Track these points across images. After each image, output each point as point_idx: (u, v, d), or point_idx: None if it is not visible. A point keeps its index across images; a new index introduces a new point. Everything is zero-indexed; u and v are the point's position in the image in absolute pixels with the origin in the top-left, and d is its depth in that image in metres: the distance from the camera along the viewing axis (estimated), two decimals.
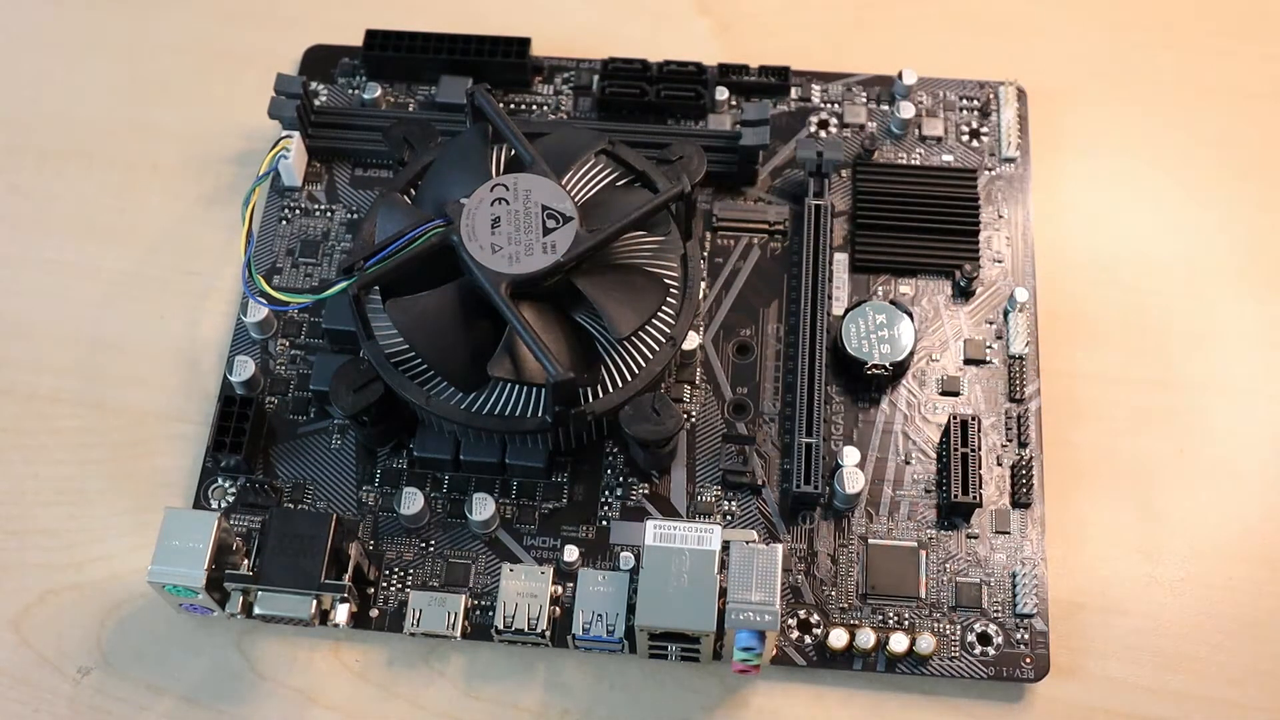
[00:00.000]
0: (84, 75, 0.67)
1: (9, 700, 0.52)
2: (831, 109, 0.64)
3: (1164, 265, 0.61)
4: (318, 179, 0.63)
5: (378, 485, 0.56)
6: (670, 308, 0.54)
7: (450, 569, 0.54)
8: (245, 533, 0.54)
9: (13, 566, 0.55)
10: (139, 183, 0.64)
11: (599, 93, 0.64)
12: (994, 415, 0.56)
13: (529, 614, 0.51)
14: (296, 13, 0.69)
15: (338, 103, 0.65)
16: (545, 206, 0.52)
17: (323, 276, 0.60)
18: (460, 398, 0.53)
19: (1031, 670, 0.51)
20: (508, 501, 0.55)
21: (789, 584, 0.53)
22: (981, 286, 0.59)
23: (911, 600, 0.53)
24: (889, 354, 0.56)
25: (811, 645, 0.52)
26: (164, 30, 0.69)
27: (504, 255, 0.51)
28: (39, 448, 0.58)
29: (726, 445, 0.56)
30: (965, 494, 0.53)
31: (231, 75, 0.67)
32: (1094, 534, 0.55)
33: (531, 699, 0.52)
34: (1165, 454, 0.57)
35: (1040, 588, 0.53)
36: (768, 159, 0.63)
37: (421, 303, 0.52)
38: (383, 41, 0.65)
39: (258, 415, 0.56)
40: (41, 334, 0.60)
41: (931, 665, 0.52)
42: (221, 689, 0.52)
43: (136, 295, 0.61)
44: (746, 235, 0.61)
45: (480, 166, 0.55)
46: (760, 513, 0.55)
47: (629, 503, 0.55)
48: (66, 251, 0.62)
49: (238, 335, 0.59)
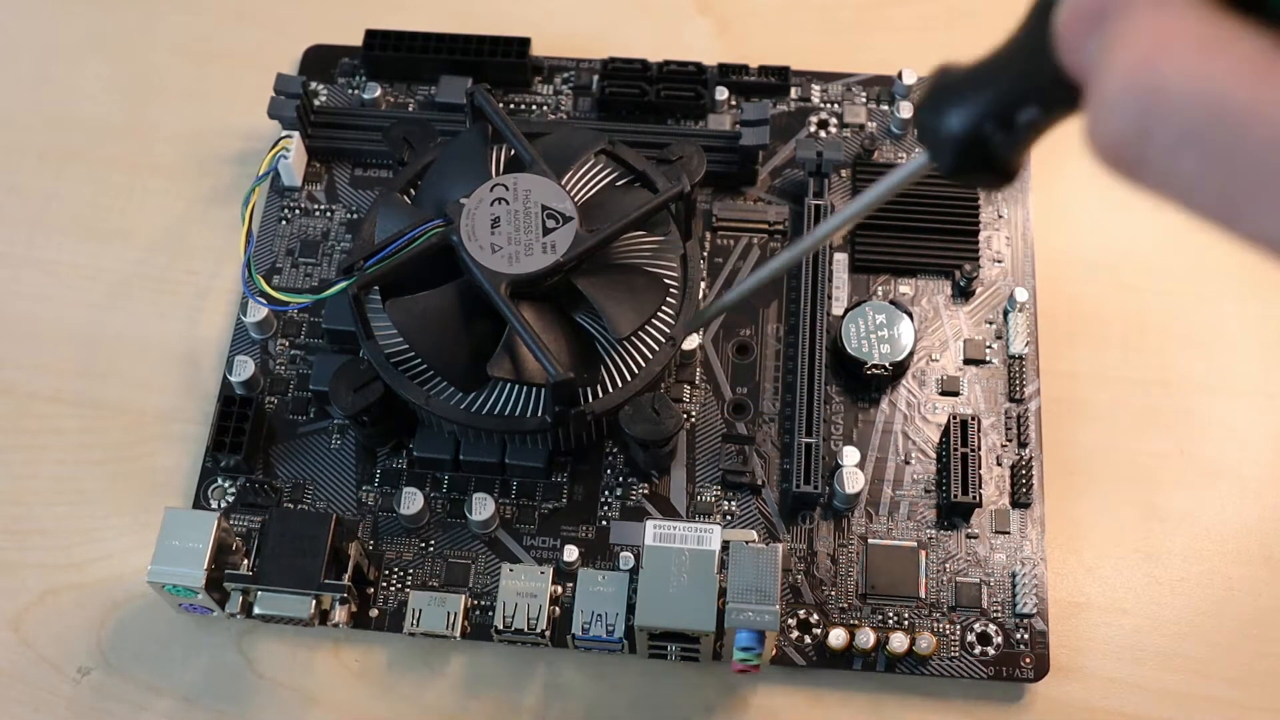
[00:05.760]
0: (84, 75, 0.67)
1: (9, 700, 0.52)
2: (831, 109, 0.64)
3: (1164, 265, 0.61)
4: (317, 179, 0.63)
5: (377, 485, 0.56)
6: (670, 308, 0.54)
7: (450, 569, 0.54)
8: (245, 532, 0.54)
9: (13, 566, 0.55)
10: (139, 183, 0.64)
11: (599, 92, 0.64)
12: (994, 415, 0.56)
13: (529, 614, 0.51)
14: (296, 12, 0.69)
15: (337, 103, 0.65)
16: (545, 206, 0.52)
17: (322, 276, 0.60)
18: (460, 398, 0.53)
19: (1031, 670, 0.51)
20: (507, 501, 0.55)
21: (789, 584, 0.53)
22: (981, 286, 0.59)
23: (911, 600, 0.53)
24: (889, 354, 0.56)
25: (811, 645, 0.52)
26: (164, 30, 0.69)
27: (504, 255, 0.51)
28: (39, 448, 0.58)
29: (726, 445, 0.56)
30: (965, 494, 0.53)
31: (231, 75, 0.67)
32: (1094, 534, 0.55)
33: (531, 699, 0.52)
34: (1165, 454, 0.57)
35: (1040, 588, 0.53)
36: (767, 159, 0.63)
37: (421, 303, 0.52)
38: (382, 41, 0.65)
39: (257, 415, 0.56)
40: (41, 334, 0.60)
41: (931, 665, 0.52)
42: (221, 689, 0.52)
43: (136, 295, 0.61)
44: (746, 235, 0.61)
45: (480, 166, 0.55)
46: (760, 513, 0.55)
47: (629, 503, 0.55)
48: (66, 251, 0.62)
49: (237, 335, 0.59)
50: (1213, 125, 0.22)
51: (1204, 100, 0.22)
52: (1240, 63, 0.22)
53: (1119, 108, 0.24)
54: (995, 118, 0.32)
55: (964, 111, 0.32)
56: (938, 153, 0.34)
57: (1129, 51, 0.24)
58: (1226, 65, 0.22)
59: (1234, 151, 0.22)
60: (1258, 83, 0.22)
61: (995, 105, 0.32)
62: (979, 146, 0.33)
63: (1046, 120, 0.31)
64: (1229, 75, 0.22)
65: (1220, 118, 0.22)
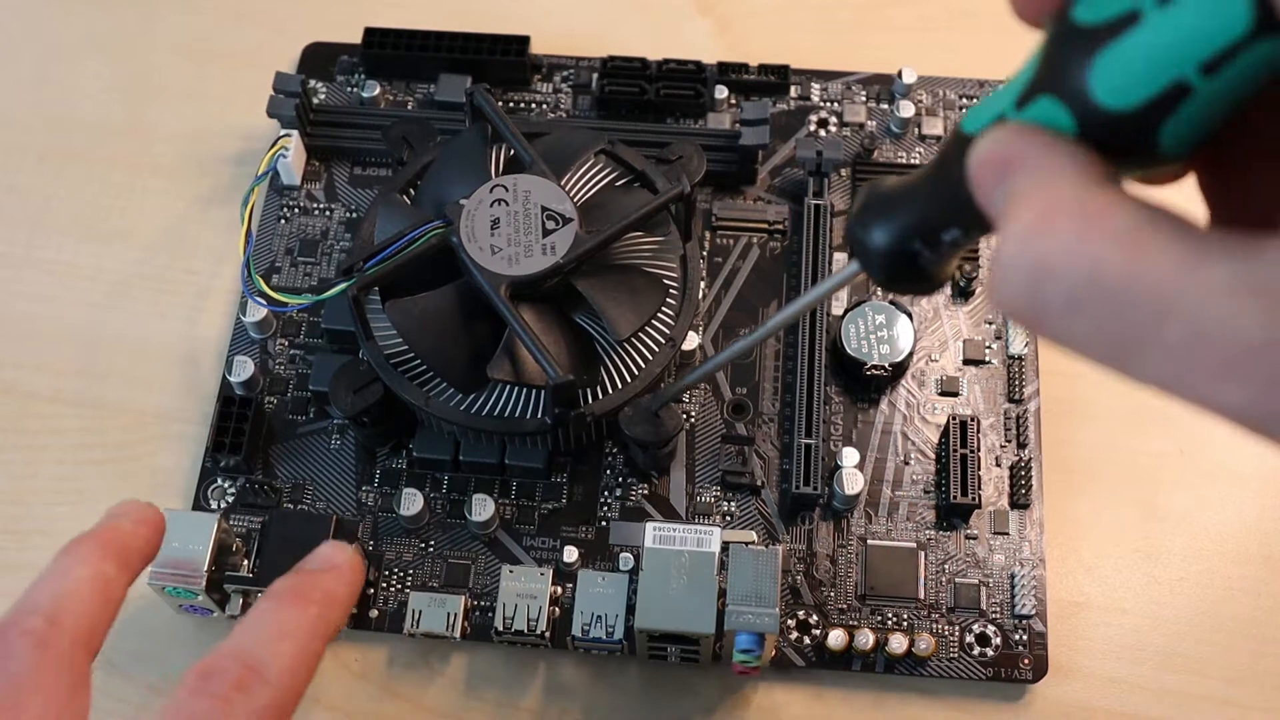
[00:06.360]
0: (84, 75, 0.67)
1: None
2: (831, 108, 0.64)
3: None
4: (316, 177, 0.63)
5: (377, 485, 0.56)
6: (670, 308, 0.54)
7: (450, 570, 0.54)
8: (245, 533, 0.54)
9: (13, 566, 0.55)
10: (139, 183, 0.64)
11: (598, 91, 0.64)
12: (993, 416, 0.56)
13: (528, 615, 0.51)
14: (296, 12, 0.69)
15: (336, 101, 0.65)
16: (545, 208, 0.52)
17: (322, 275, 0.60)
18: (459, 399, 0.53)
19: (1030, 671, 0.51)
20: (507, 502, 0.55)
21: (788, 585, 0.53)
22: (981, 286, 0.59)
23: (910, 601, 0.53)
24: (888, 354, 0.56)
25: (810, 646, 0.52)
26: (164, 30, 0.69)
27: (503, 257, 0.51)
28: (39, 448, 0.58)
29: (726, 446, 0.56)
30: (964, 495, 0.53)
31: (231, 75, 0.67)
32: (1093, 533, 0.55)
33: (531, 699, 0.52)
34: (1165, 454, 0.57)
35: (1039, 589, 0.53)
36: (767, 158, 0.63)
37: (421, 304, 0.52)
38: (381, 39, 0.65)
39: (257, 415, 0.56)
40: (41, 334, 0.60)
41: (930, 666, 0.52)
42: None
43: (136, 295, 0.61)
44: (746, 235, 0.61)
45: (479, 167, 0.55)
46: (759, 513, 0.55)
47: (628, 503, 0.55)
48: (66, 251, 0.62)
49: (237, 335, 0.59)
50: (1096, 293, 0.24)
51: (1085, 271, 0.24)
52: (1118, 234, 0.24)
53: (1012, 275, 0.25)
54: (921, 238, 0.34)
55: (892, 231, 0.34)
56: (868, 265, 0.35)
57: (1019, 222, 0.26)
58: (1105, 236, 0.24)
59: (1118, 315, 0.24)
60: (1134, 252, 0.24)
61: (922, 227, 0.34)
62: (908, 263, 0.34)
63: (969, 239, 0.33)
64: (1108, 246, 0.24)
65: (1101, 286, 0.24)
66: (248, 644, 0.40)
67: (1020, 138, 0.27)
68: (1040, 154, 0.26)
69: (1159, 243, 0.24)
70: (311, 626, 0.42)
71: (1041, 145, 0.27)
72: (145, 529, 0.44)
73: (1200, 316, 0.23)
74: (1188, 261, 0.23)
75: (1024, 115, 0.28)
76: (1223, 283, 0.23)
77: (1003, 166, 0.27)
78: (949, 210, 0.32)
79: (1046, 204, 0.25)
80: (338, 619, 0.44)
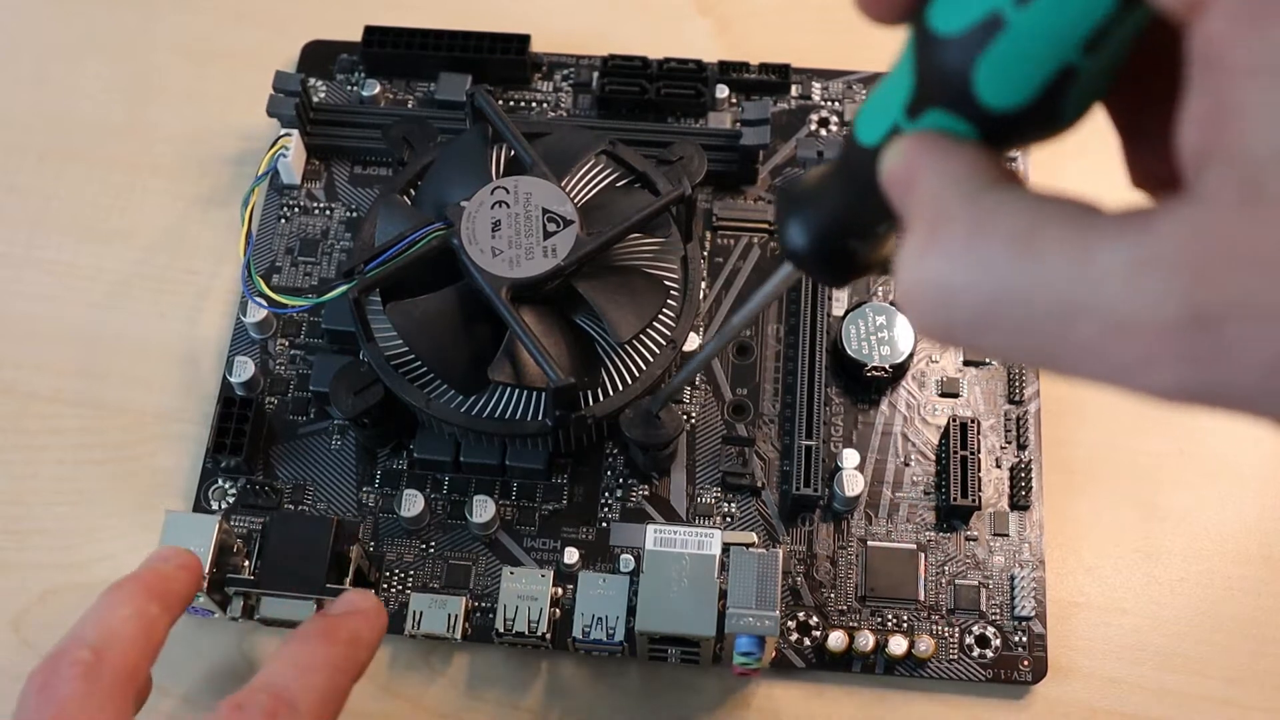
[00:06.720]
0: (84, 75, 0.67)
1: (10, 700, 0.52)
2: (832, 107, 0.64)
3: None
4: (317, 177, 0.63)
5: (378, 486, 0.56)
6: (671, 310, 0.54)
7: (451, 571, 0.54)
8: (246, 533, 0.54)
9: (13, 566, 0.55)
10: (139, 183, 0.64)
11: (599, 90, 0.63)
12: (993, 417, 0.56)
13: (529, 617, 0.51)
14: (296, 12, 0.69)
15: (336, 100, 0.65)
16: (545, 210, 0.52)
17: (322, 275, 0.60)
18: (460, 401, 0.53)
19: (1029, 673, 0.51)
20: (508, 503, 0.55)
21: (788, 586, 0.53)
22: None
23: (910, 603, 0.53)
24: (889, 355, 0.56)
25: (810, 648, 0.52)
26: (164, 30, 0.68)
27: (504, 259, 0.51)
28: (39, 448, 0.58)
29: (726, 447, 0.56)
30: (964, 497, 0.53)
31: (231, 75, 0.67)
32: (1093, 533, 0.55)
33: (532, 700, 0.52)
34: (1165, 454, 0.57)
35: (1038, 590, 0.53)
36: (768, 158, 0.62)
37: (421, 306, 0.52)
38: (381, 38, 0.65)
39: (257, 416, 0.56)
40: (41, 334, 0.60)
41: (930, 668, 0.52)
42: (222, 690, 0.53)
43: (136, 295, 0.61)
44: (746, 235, 0.61)
45: (480, 168, 0.55)
46: (760, 515, 0.55)
47: (629, 504, 0.55)
48: (66, 251, 0.62)
49: (237, 335, 0.59)
50: (997, 308, 0.24)
51: (983, 287, 0.24)
52: (1008, 238, 0.24)
53: (914, 297, 0.25)
54: (855, 235, 0.33)
55: (822, 233, 0.34)
56: (809, 270, 0.35)
57: (911, 238, 0.25)
58: (994, 243, 0.24)
59: (1024, 326, 0.23)
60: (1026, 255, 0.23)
61: (854, 228, 0.33)
62: (846, 260, 0.34)
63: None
64: (997, 252, 0.24)
65: (1000, 301, 0.23)
66: (278, 677, 0.41)
67: (915, 148, 0.27)
68: (931, 162, 0.26)
69: (1050, 239, 0.23)
70: (338, 663, 0.43)
71: (936, 152, 0.26)
72: (186, 574, 0.45)
73: (1107, 308, 0.22)
74: (1082, 254, 0.23)
75: (918, 126, 0.28)
76: (1121, 267, 0.22)
77: (907, 183, 0.27)
78: (878, 212, 0.31)
79: (935, 215, 0.25)
80: (363, 659, 0.44)
